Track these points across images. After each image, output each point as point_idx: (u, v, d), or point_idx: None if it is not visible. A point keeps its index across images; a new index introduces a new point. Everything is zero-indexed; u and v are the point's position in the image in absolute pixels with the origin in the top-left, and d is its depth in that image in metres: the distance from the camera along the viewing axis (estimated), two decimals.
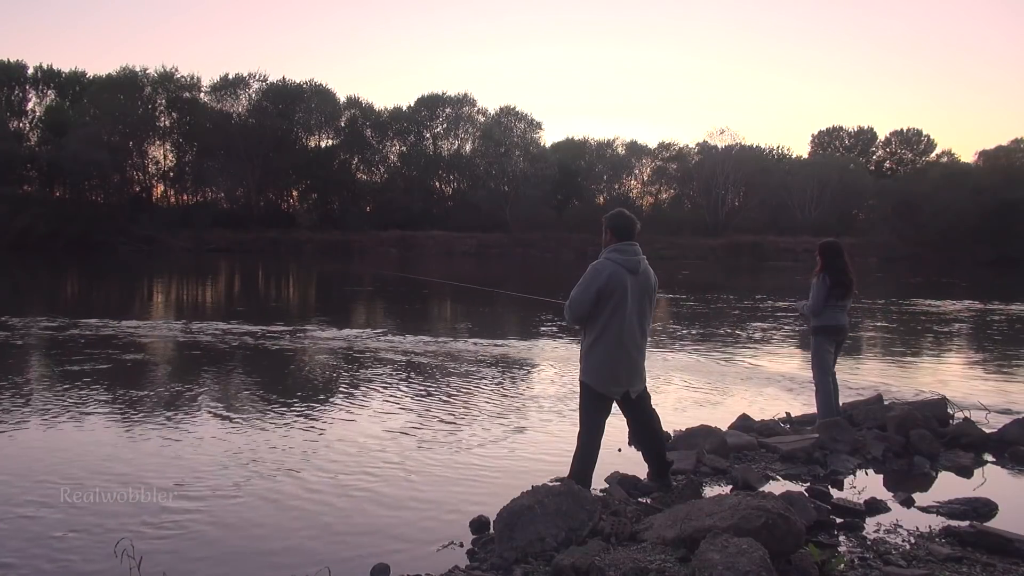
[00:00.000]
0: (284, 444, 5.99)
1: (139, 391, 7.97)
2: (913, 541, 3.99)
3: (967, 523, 4.21)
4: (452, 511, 4.53)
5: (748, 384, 8.91)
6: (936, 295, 23.99)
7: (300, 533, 4.20)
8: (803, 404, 7.63)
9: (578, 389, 4.63)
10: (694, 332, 14.04)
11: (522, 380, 9.14)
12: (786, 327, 15.01)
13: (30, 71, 59.37)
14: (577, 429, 4.57)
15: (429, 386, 8.51)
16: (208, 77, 73.49)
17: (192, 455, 5.65)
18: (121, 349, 10.68)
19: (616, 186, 70.32)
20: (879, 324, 16.03)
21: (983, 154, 62.69)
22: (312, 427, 6.58)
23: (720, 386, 8.79)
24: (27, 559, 3.81)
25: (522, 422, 6.83)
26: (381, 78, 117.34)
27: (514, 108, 66.12)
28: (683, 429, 5.99)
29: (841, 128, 75.98)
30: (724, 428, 6.15)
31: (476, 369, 9.62)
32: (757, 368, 10.07)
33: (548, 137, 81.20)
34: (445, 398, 7.88)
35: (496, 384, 8.69)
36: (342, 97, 64.31)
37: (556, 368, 9.90)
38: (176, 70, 58.81)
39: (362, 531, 4.25)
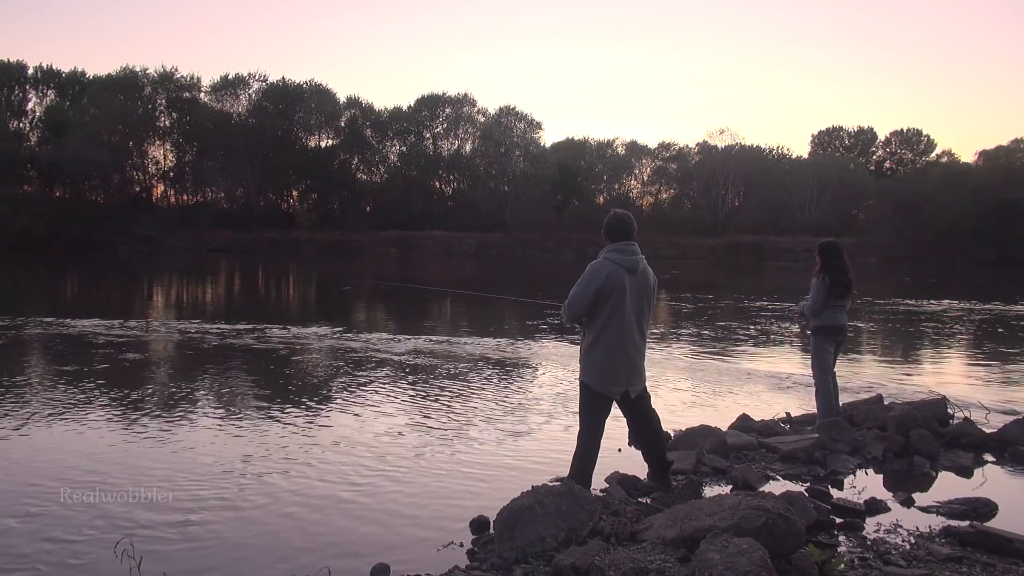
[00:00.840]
0: (284, 445, 5.98)
1: (131, 391, 7.96)
2: (913, 541, 3.99)
3: (967, 523, 4.21)
4: (452, 511, 4.53)
5: (748, 384, 8.91)
6: (919, 295, 23.93)
7: (300, 533, 4.19)
8: (803, 404, 7.63)
9: (577, 389, 4.63)
10: (693, 332, 14.03)
11: (521, 380, 9.13)
12: (785, 327, 15.01)
13: (30, 71, 59.56)
14: (576, 429, 4.57)
15: (427, 387, 8.50)
16: (208, 77, 73.91)
17: (192, 456, 5.64)
18: (115, 349, 10.68)
19: (616, 186, 70.42)
20: (857, 324, 16.01)
21: (983, 154, 62.86)
22: (311, 428, 6.58)
23: (720, 386, 8.78)
24: (27, 560, 3.81)
25: (521, 422, 6.83)
26: (381, 78, 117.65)
27: (514, 108, 66.40)
28: (683, 429, 5.99)
29: (841, 128, 76.24)
30: (724, 428, 6.15)
31: (474, 369, 9.62)
32: (756, 368, 10.07)
33: (548, 137, 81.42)
34: (443, 399, 7.87)
35: (495, 384, 8.69)
36: (342, 97, 64.62)
37: (555, 368, 9.90)
38: (176, 70, 59.14)
39: (362, 531, 4.25)
